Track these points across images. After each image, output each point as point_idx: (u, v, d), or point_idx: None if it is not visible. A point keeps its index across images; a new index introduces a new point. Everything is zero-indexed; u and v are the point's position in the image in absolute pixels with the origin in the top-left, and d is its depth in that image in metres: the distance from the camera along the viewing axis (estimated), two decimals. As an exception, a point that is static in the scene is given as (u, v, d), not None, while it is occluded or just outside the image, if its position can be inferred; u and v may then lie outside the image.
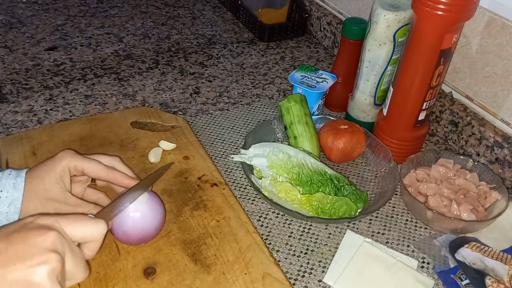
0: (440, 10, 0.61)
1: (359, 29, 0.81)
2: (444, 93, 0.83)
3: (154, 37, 1.13)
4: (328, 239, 0.64)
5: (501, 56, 0.72)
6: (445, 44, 0.64)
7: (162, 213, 0.57)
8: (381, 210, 0.69)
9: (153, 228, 0.56)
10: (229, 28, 1.20)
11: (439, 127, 0.84)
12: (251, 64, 1.05)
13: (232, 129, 0.83)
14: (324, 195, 0.63)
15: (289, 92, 0.96)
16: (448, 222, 0.63)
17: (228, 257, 0.58)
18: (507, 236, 0.64)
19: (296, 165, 0.66)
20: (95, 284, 0.53)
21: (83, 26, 1.15)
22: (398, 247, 0.63)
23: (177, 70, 1.01)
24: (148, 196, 0.56)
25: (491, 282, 0.56)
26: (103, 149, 0.73)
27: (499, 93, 0.74)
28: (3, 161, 0.69)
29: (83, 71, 0.98)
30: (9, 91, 0.89)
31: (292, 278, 0.58)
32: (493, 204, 0.66)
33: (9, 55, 1.00)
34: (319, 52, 1.12)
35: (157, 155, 0.72)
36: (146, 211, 0.55)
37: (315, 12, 1.15)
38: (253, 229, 0.62)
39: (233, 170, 0.74)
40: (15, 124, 0.80)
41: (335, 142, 0.73)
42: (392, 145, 0.75)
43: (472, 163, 0.72)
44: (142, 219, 0.54)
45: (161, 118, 0.81)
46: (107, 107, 0.87)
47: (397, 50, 0.74)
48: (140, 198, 0.55)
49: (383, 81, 0.78)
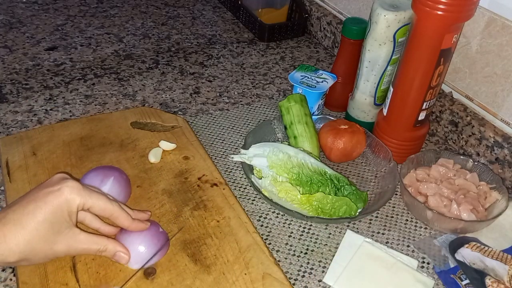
0: (440, 10, 0.61)
1: (359, 29, 0.81)
2: (444, 93, 0.83)
3: (154, 37, 1.13)
4: (328, 239, 0.64)
5: (501, 56, 0.72)
6: (445, 44, 0.64)
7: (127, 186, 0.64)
8: (381, 210, 0.69)
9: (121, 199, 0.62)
10: (229, 28, 1.20)
11: (439, 127, 0.84)
12: (251, 64, 1.05)
13: (232, 129, 0.83)
14: (324, 195, 0.63)
15: (289, 92, 0.96)
16: (448, 222, 0.63)
17: (228, 257, 0.58)
18: (507, 236, 0.64)
19: (296, 165, 0.66)
20: (95, 284, 0.53)
21: (83, 26, 1.15)
22: (398, 247, 0.63)
23: (177, 70, 1.01)
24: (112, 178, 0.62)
25: (491, 282, 0.56)
26: (103, 149, 0.73)
27: (499, 93, 0.74)
28: (3, 161, 0.69)
29: (83, 71, 0.98)
30: (9, 91, 0.89)
31: (292, 278, 0.58)
32: (493, 204, 0.66)
33: (9, 55, 1.00)
34: (319, 52, 1.12)
35: (157, 155, 0.72)
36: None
37: (315, 12, 1.15)
38: (253, 229, 0.62)
39: (233, 170, 0.74)
40: (15, 124, 0.80)
41: (335, 142, 0.73)
42: (392, 145, 0.75)
43: (472, 163, 0.72)
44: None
45: (161, 118, 0.81)
46: (107, 107, 0.87)
47: (397, 50, 0.74)
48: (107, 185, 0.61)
49: (383, 81, 0.78)
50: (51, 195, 0.49)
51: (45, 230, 0.48)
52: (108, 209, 0.53)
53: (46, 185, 0.51)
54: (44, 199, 0.49)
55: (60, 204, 0.49)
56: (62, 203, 0.49)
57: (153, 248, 0.55)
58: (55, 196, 0.49)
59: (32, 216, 0.48)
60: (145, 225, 0.56)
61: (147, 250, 0.55)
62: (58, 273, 0.54)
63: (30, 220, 0.48)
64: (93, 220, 0.56)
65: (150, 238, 0.56)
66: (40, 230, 0.48)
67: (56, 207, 0.49)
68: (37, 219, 0.48)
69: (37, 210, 0.48)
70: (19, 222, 0.47)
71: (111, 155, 0.72)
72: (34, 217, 0.48)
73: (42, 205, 0.48)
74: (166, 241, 0.57)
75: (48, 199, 0.49)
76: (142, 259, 0.55)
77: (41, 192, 0.50)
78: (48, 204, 0.49)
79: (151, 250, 0.55)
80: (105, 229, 0.57)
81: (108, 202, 0.53)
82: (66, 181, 0.51)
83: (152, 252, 0.55)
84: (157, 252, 0.56)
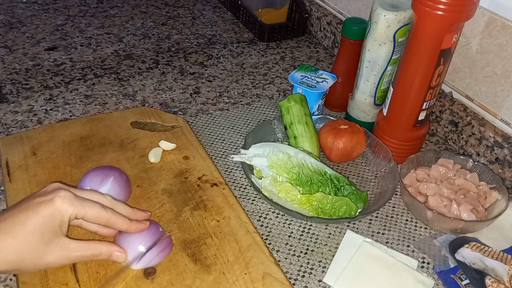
0: (440, 10, 0.61)
1: (359, 29, 0.81)
2: (444, 93, 0.83)
3: (154, 37, 1.13)
4: (328, 239, 0.64)
5: (501, 56, 0.72)
6: (445, 44, 0.64)
7: (127, 186, 0.64)
8: (381, 210, 0.69)
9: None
10: (229, 28, 1.20)
11: (439, 127, 0.84)
12: (251, 64, 1.05)
13: (232, 129, 0.83)
14: (324, 195, 0.63)
15: (289, 92, 0.96)
16: (448, 222, 0.63)
17: (228, 257, 0.58)
18: (507, 236, 0.64)
19: (296, 165, 0.66)
20: (95, 284, 0.53)
21: (83, 26, 1.15)
22: (398, 247, 0.63)
23: (177, 70, 1.01)
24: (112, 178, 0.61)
25: (491, 282, 0.56)
26: (103, 149, 0.73)
27: (499, 93, 0.74)
28: (3, 161, 0.69)
29: (83, 71, 0.98)
30: (9, 91, 0.89)
31: (292, 278, 0.58)
32: (493, 204, 0.66)
33: (9, 55, 1.00)
34: (319, 52, 1.12)
35: (157, 155, 0.72)
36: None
37: (315, 12, 1.15)
38: (253, 229, 0.62)
39: (233, 170, 0.74)
40: (15, 124, 0.80)
41: (335, 142, 0.73)
42: (392, 145, 0.75)
43: (472, 163, 0.72)
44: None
45: (161, 118, 0.81)
46: (107, 107, 0.87)
47: (397, 50, 0.74)
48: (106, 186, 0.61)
49: (383, 81, 0.78)
50: (43, 205, 0.49)
51: (35, 240, 0.48)
52: (102, 217, 0.52)
53: (39, 195, 0.50)
54: (35, 209, 0.48)
55: (51, 214, 0.49)
56: (54, 213, 0.49)
57: (154, 248, 0.55)
58: (46, 206, 0.49)
59: (22, 226, 0.47)
60: (144, 225, 0.56)
61: (147, 250, 0.55)
62: (58, 273, 0.54)
63: (20, 230, 0.47)
64: (90, 224, 0.55)
65: (150, 238, 0.56)
66: (30, 240, 0.47)
67: (46, 217, 0.48)
68: (27, 229, 0.47)
69: (27, 220, 0.48)
70: (10, 231, 0.47)
71: (111, 155, 0.72)
72: (24, 227, 0.47)
73: (32, 215, 0.48)
74: (167, 241, 0.57)
75: (39, 209, 0.48)
76: (142, 259, 0.55)
77: (33, 202, 0.49)
78: (39, 214, 0.48)
79: (151, 250, 0.55)
80: (103, 231, 0.56)
81: (102, 209, 0.52)
82: (58, 191, 0.50)
83: (152, 252, 0.55)
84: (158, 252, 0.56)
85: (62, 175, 0.67)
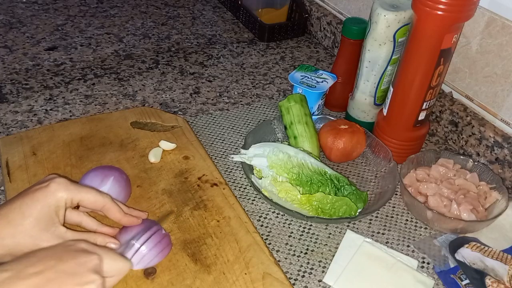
0: (440, 10, 0.61)
1: (359, 29, 0.81)
2: (444, 93, 0.83)
3: (154, 37, 1.13)
4: (328, 239, 0.64)
5: (501, 56, 0.72)
6: (445, 44, 0.64)
7: (126, 186, 0.64)
8: (381, 210, 0.69)
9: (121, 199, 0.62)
10: (229, 28, 1.20)
11: (439, 127, 0.84)
12: (251, 64, 1.05)
13: (232, 129, 0.83)
14: (324, 195, 0.63)
15: (289, 92, 0.96)
16: (448, 222, 0.63)
17: (228, 257, 0.58)
18: (507, 236, 0.64)
19: (296, 165, 0.66)
20: (95, 284, 0.53)
21: (83, 26, 1.15)
22: (398, 247, 0.63)
23: (177, 70, 1.01)
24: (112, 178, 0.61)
25: (491, 282, 0.56)
26: (103, 149, 0.73)
27: (499, 93, 0.74)
28: (3, 161, 0.69)
29: (83, 71, 0.98)
30: (9, 91, 0.89)
31: (292, 278, 0.58)
32: (493, 204, 0.66)
33: (9, 55, 1.00)
34: (319, 52, 1.12)
35: (157, 155, 0.72)
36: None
37: (315, 12, 1.15)
38: (253, 229, 0.62)
39: (233, 170, 0.74)
40: (15, 124, 0.80)
41: (335, 142, 0.73)
42: (392, 145, 0.75)
43: (472, 163, 0.72)
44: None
45: (161, 118, 0.81)
46: (107, 107, 0.87)
47: (397, 50, 0.74)
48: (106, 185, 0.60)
49: (383, 81, 0.78)
50: (39, 191, 0.49)
51: (31, 225, 0.48)
52: (99, 201, 0.53)
53: (36, 183, 0.51)
54: (31, 196, 0.49)
55: (47, 199, 0.49)
56: (49, 198, 0.49)
57: (154, 248, 0.55)
58: (42, 192, 0.49)
59: (18, 210, 0.48)
60: (137, 220, 0.57)
61: (147, 250, 0.55)
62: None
63: (16, 215, 0.48)
64: (90, 222, 0.56)
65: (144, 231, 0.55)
66: (25, 225, 0.48)
67: (43, 203, 0.49)
68: (23, 214, 0.48)
69: (23, 205, 0.48)
70: (5, 216, 0.48)
71: (111, 155, 0.72)
72: (20, 212, 0.48)
73: (28, 201, 0.49)
74: (166, 241, 0.57)
75: (35, 195, 0.49)
76: (142, 259, 0.55)
77: (30, 190, 0.50)
78: (35, 200, 0.49)
79: (151, 250, 0.55)
80: (103, 230, 0.56)
81: (99, 194, 0.53)
82: (54, 178, 0.51)
83: (152, 252, 0.55)
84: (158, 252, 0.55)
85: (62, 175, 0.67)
